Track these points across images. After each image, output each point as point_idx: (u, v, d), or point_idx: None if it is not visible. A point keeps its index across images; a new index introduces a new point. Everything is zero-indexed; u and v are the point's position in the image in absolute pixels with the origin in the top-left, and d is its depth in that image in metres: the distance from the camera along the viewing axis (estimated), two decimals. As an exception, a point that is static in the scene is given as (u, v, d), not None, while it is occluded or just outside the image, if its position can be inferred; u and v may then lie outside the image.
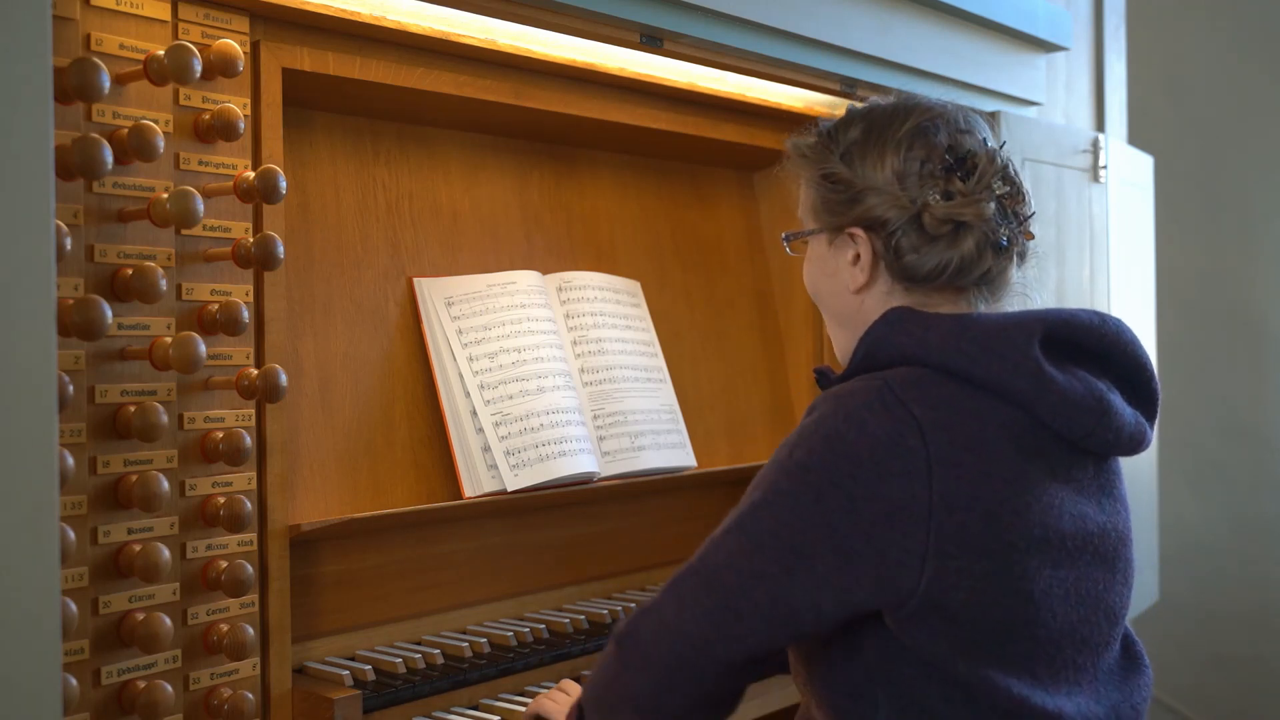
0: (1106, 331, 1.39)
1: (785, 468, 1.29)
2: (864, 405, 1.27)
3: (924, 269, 1.38)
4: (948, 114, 1.43)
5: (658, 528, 2.45)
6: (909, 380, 1.29)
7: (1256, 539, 4.32)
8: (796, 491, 1.27)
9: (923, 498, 1.23)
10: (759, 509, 1.29)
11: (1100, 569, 1.35)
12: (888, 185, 1.38)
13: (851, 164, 1.41)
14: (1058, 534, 1.30)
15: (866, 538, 1.24)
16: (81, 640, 1.46)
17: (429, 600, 2.04)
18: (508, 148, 2.25)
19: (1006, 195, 1.41)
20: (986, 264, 1.39)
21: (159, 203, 1.51)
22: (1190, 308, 4.37)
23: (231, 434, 1.58)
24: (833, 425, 1.27)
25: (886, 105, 1.45)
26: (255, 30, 1.70)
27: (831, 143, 1.44)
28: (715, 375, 2.54)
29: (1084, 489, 1.36)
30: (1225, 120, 4.40)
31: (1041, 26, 2.72)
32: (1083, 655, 1.34)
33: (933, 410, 1.26)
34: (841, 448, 1.25)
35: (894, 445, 1.24)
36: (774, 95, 2.48)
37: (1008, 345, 1.30)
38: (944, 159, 1.38)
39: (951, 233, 1.37)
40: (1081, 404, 1.31)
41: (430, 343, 2.02)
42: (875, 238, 1.40)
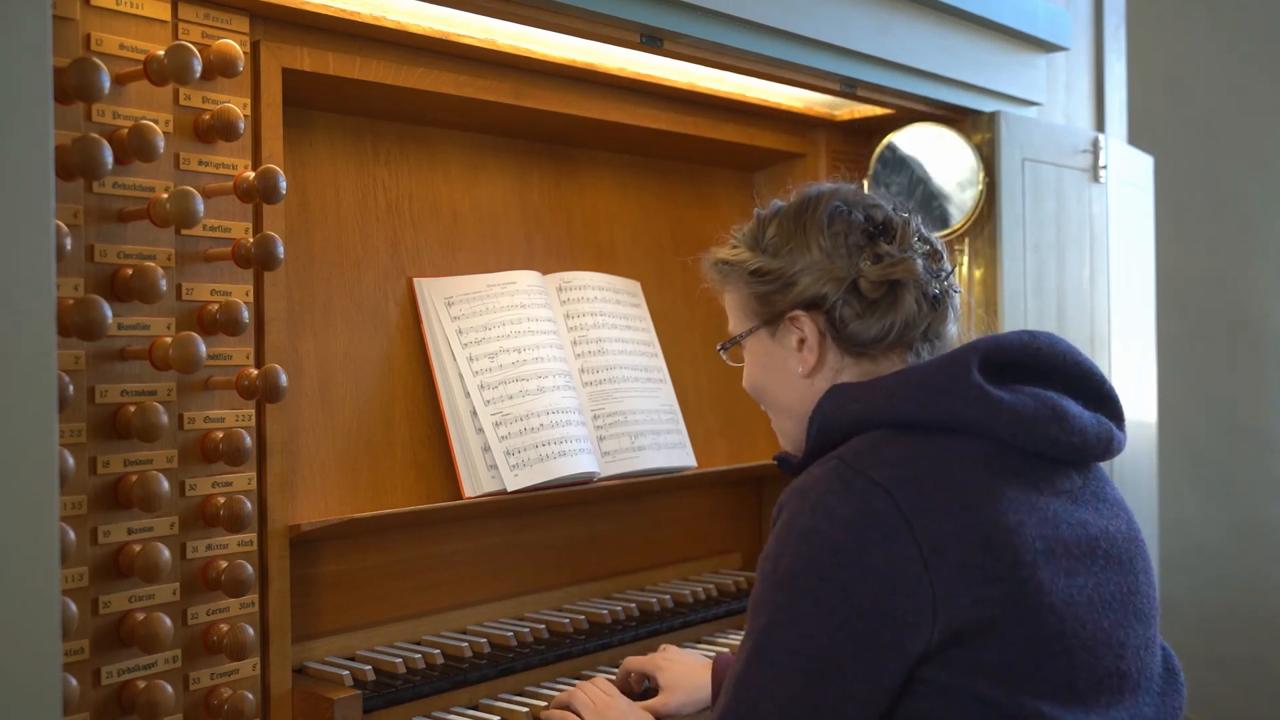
0: (1040, 346, 1.42)
1: (775, 582, 1.31)
2: (826, 491, 1.29)
3: (870, 334, 1.43)
4: (854, 194, 1.51)
5: (658, 528, 2.45)
6: (862, 449, 1.32)
7: (1256, 539, 4.32)
8: (793, 602, 1.28)
9: (911, 554, 1.25)
10: (770, 633, 1.30)
11: (1117, 572, 1.36)
12: (817, 263, 1.44)
13: (777, 254, 1.48)
14: (1060, 543, 1.31)
15: (873, 614, 1.25)
16: (81, 640, 1.46)
17: (429, 600, 2.04)
18: (508, 148, 2.25)
19: (928, 253, 1.48)
20: (926, 319, 1.44)
21: (159, 203, 1.51)
22: (1190, 308, 4.37)
23: (231, 434, 1.58)
24: (803, 522, 1.29)
25: (794, 201, 1.52)
26: (255, 30, 1.70)
27: (753, 243, 1.52)
28: (715, 375, 2.54)
29: (1076, 498, 1.37)
30: (1225, 120, 4.40)
31: (1041, 26, 2.72)
32: (1124, 660, 1.33)
33: (892, 468, 1.29)
34: (818, 540, 1.27)
35: (865, 517, 1.26)
36: (774, 95, 2.48)
37: (948, 380, 1.34)
38: (864, 229, 1.45)
39: (889, 293, 1.43)
40: (1036, 415, 1.33)
41: (430, 343, 2.02)
42: (817, 314, 1.45)
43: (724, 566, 2.58)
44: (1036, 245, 2.72)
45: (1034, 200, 2.72)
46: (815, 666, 1.27)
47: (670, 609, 2.27)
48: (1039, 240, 2.73)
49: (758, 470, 2.51)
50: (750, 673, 1.31)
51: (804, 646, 1.27)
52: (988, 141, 2.60)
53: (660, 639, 2.20)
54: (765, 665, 1.30)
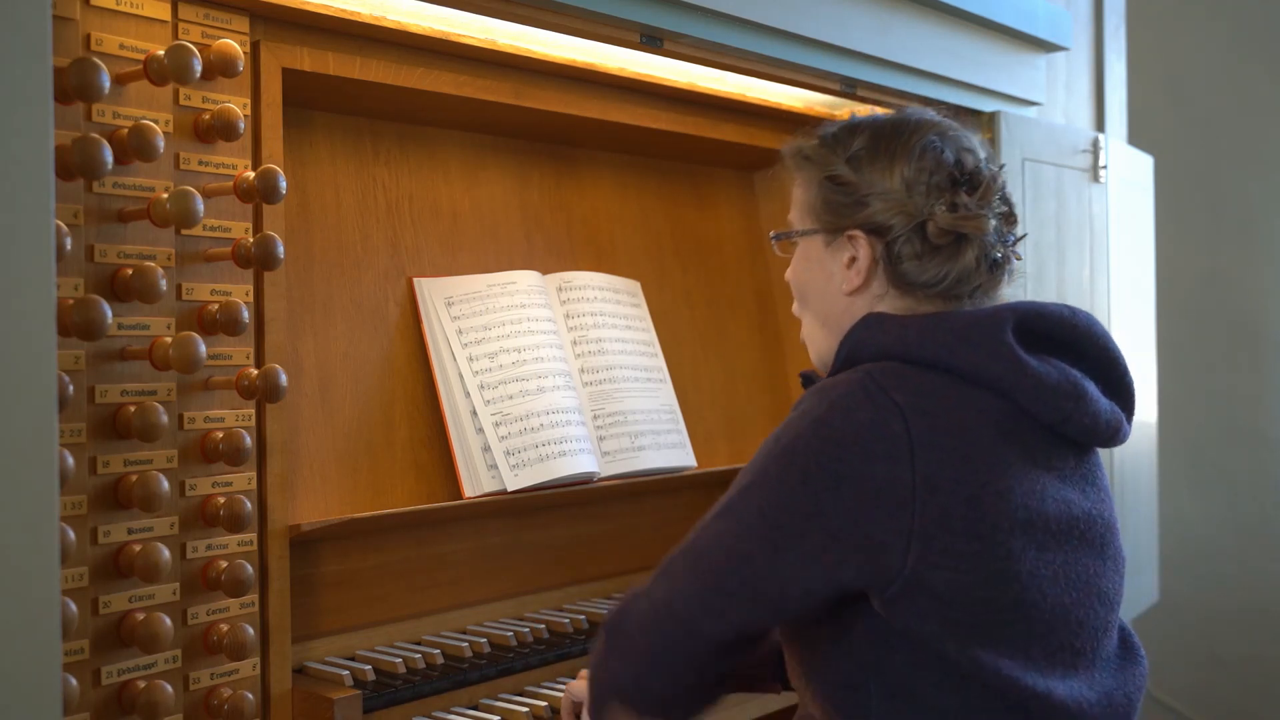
0: (1078, 323, 1.43)
1: (773, 453, 1.33)
2: (847, 394, 1.31)
3: (922, 277, 1.42)
4: (954, 132, 1.47)
5: (658, 528, 2.45)
6: (890, 370, 1.33)
7: (1256, 539, 4.32)
8: (783, 474, 1.30)
9: (906, 480, 1.26)
10: (747, 491, 1.33)
11: (1089, 554, 1.37)
12: (895, 192, 1.41)
13: (859, 169, 1.44)
14: (1041, 516, 1.32)
15: (853, 517, 1.27)
16: (81, 640, 1.46)
17: (429, 600, 2.04)
18: (508, 148, 2.25)
19: (1003, 214, 1.45)
20: (980, 278, 1.43)
21: (159, 203, 1.51)
22: (1190, 308, 4.36)
23: (231, 434, 1.58)
24: (819, 413, 1.31)
25: (893, 117, 1.48)
26: (255, 30, 1.70)
27: (837, 146, 1.47)
28: (715, 375, 2.54)
29: (1066, 477, 1.38)
30: (1225, 120, 4.40)
31: (1041, 26, 2.72)
32: (1079, 638, 1.35)
33: (914, 397, 1.30)
34: (827, 432, 1.29)
35: (877, 429, 1.28)
36: (774, 95, 2.48)
37: (981, 334, 1.34)
38: (951, 173, 1.42)
39: (953, 244, 1.41)
40: (1058, 389, 1.34)
41: (430, 343, 2.02)
42: (876, 242, 1.42)
43: (724, 566, 2.58)
44: (1036, 245, 2.72)
45: (1034, 200, 2.71)
46: (779, 537, 1.29)
47: (670, 609, 2.27)
48: (1039, 240, 2.73)
49: (758, 470, 2.51)
50: (715, 521, 1.34)
51: (775, 514, 1.29)
52: (988, 141, 2.59)
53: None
54: (731, 518, 1.33)
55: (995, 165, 1.48)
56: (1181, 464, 4.31)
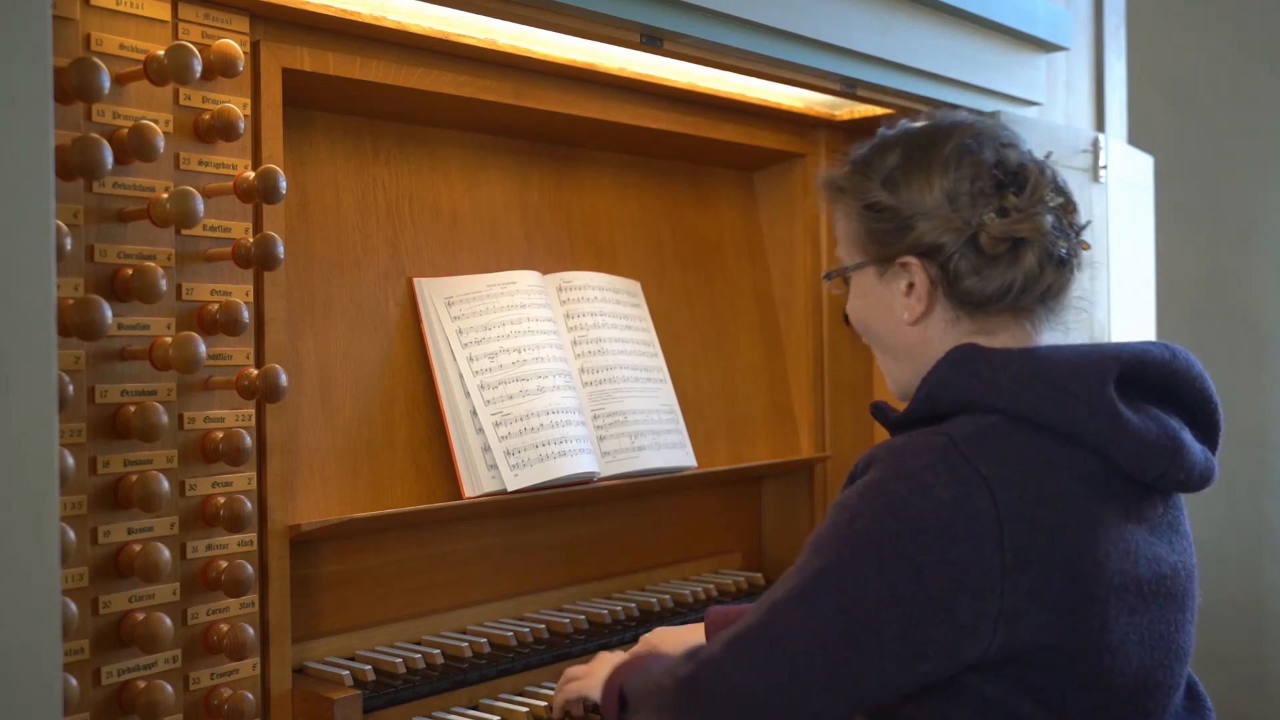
0: (1177, 367, 1.34)
1: (847, 537, 1.24)
2: (927, 466, 1.22)
3: (986, 292, 1.33)
4: (990, 129, 1.37)
5: (658, 528, 2.45)
6: (975, 435, 1.24)
7: (1256, 540, 4.32)
8: (859, 562, 1.22)
9: (994, 560, 1.19)
10: (823, 578, 1.24)
11: (1172, 610, 1.32)
12: (938, 208, 1.32)
13: (896, 190, 1.35)
14: (1135, 580, 1.26)
15: (934, 606, 1.19)
16: (81, 640, 1.46)
17: (429, 600, 2.04)
18: (508, 148, 2.25)
19: (1060, 206, 1.35)
20: (1048, 280, 1.34)
21: (159, 203, 1.51)
22: (1190, 308, 4.36)
23: (231, 434, 1.58)
24: (895, 490, 1.22)
25: (923, 126, 1.40)
26: (255, 30, 1.70)
27: (870, 170, 1.39)
28: (715, 375, 2.54)
29: (1156, 528, 1.32)
30: (1225, 120, 4.40)
31: (1041, 26, 2.72)
32: (1154, 700, 1.30)
33: (1001, 466, 1.21)
34: (905, 514, 1.20)
35: (961, 508, 1.19)
36: (774, 95, 2.48)
37: (1082, 386, 1.25)
38: (994, 175, 1.33)
39: (1010, 250, 1.32)
40: (1156, 445, 1.26)
41: (430, 343, 2.02)
42: (930, 264, 1.34)
43: (724, 566, 2.58)
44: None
45: (1034, 200, 2.71)
46: (855, 631, 1.21)
47: (670, 609, 2.27)
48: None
49: (758, 470, 2.51)
50: (790, 606, 1.25)
51: (853, 607, 1.21)
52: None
53: (660, 639, 2.20)
54: (807, 606, 1.24)
55: (1040, 156, 1.38)
56: (1181, 464, 4.30)
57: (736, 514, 2.64)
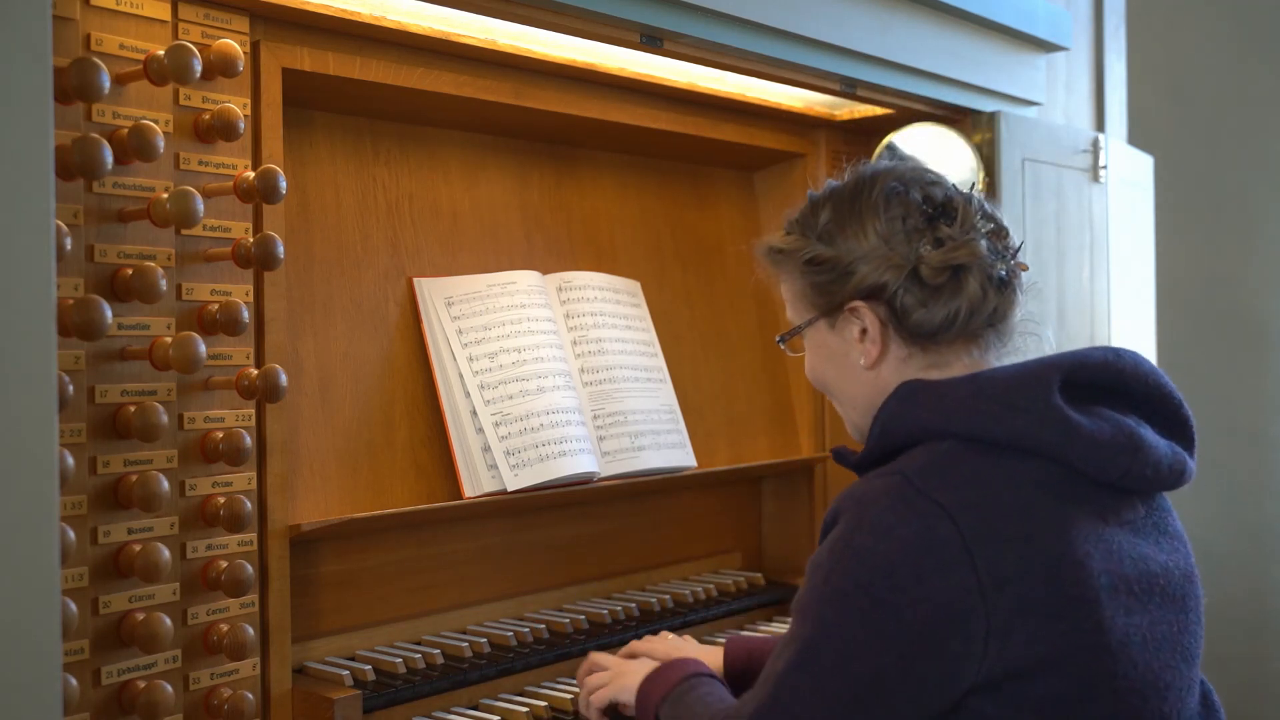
0: (1124, 366, 1.36)
1: (825, 596, 1.27)
2: (886, 509, 1.24)
3: (935, 322, 1.36)
4: (912, 172, 1.43)
5: (658, 528, 2.45)
6: (927, 467, 1.27)
7: (1256, 540, 4.32)
8: (842, 620, 1.24)
9: (969, 584, 1.20)
10: (814, 646, 1.27)
11: (1172, 611, 1.32)
12: (875, 250, 1.37)
13: (832, 242, 1.40)
14: (1123, 579, 1.27)
15: (923, 642, 1.21)
16: (81, 640, 1.46)
17: (429, 600, 2.04)
18: (508, 148, 2.25)
19: (992, 231, 1.40)
20: (992, 302, 1.38)
21: (159, 203, 1.51)
22: (1190, 308, 4.36)
23: (231, 434, 1.58)
24: (859, 541, 1.24)
25: (847, 181, 1.45)
26: (255, 30, 1.70)
27: (805, 229, 1.44)
28: (715, 375, 2.54)
29: (1139, 530, 1.33)
30: (1225, 120, 4.40)
31: (1041, 26, 2.72)
32: (1166, 703, 1.29)
33: (958, 491, 1.24)
34: (872, 561, 1.23)
35: (923, 542, 1.21)
36: (774, 95, 2.48)
37: (1027, 398, 1.27)
38: (924, 211, 1.38)
39: (952, 279, 1.36)
40: (1112, 444, 1.28)
41: (430, 343, 2.02)
42: (877, 305, 1.38)
43: (724, 566, 2.58)
44: (1036, 245, 2.72)
45: (1034, 200, 2.72)
46: (860, 688, 1.23)
47: (670, 609, 2.27)
48: (1039, 240, 2.73)
49: (758, 470, 2.51)
50: (793, 677, 1.27)
51: (850, 665, 1.24)
52: (988, 141, 2.60)
53: (660, 639, 2.20)
54: (809, 674, 1.26)
55: (965, 190, 1.43)
56: (1181, 464, 4.30)
57: (736, 514, 2.64)
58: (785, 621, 2.45)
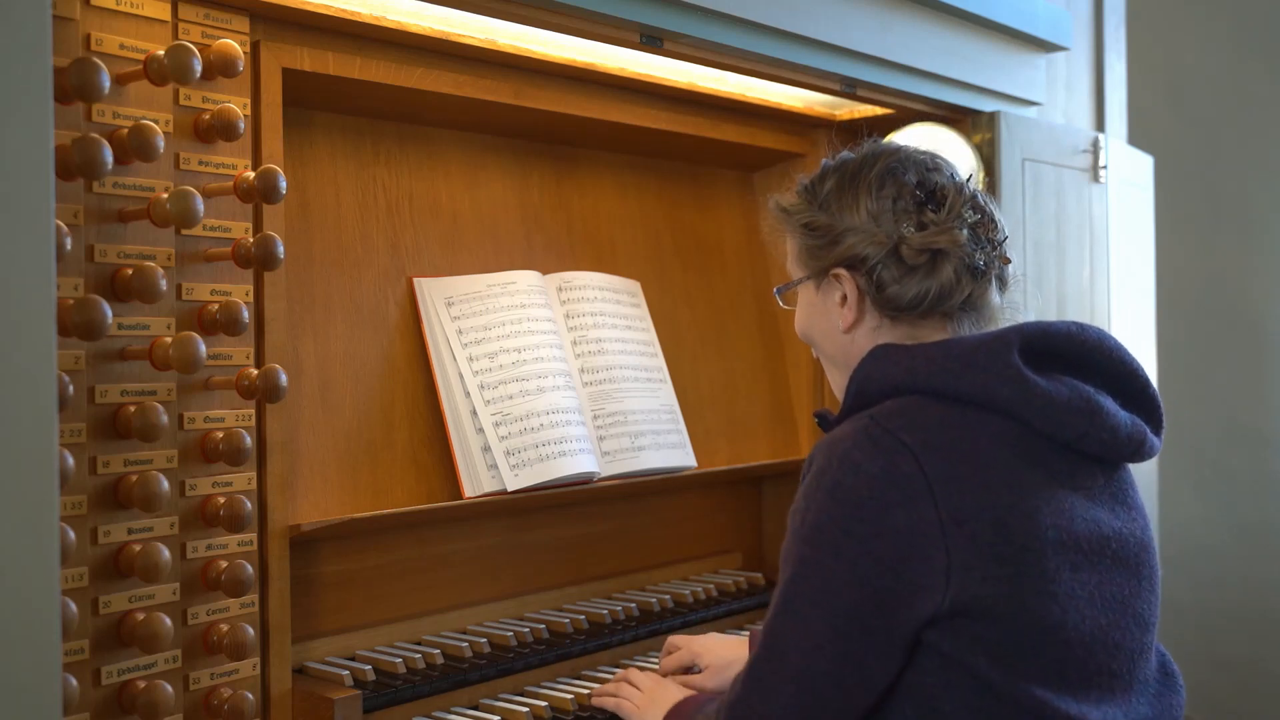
0: (1087, 339, 1.43)
1: (802, 536, 1.34)
2: (854, 446, 1.32)
3: (906, 298, 1.44)
4: (914, 156, 1.51)
5: (658, 528, 2.45)
6: (894, 410, 1.35)
7: (1257, 541, 4.32)
8: (818, 556, 1.31)
9: (931, 517, 1.27)
10: (796, 585, 1.34)
11: (1123, 574, 1.37)
12: (864, 225, 1.46)
13: (829, 210, 1.49)
14: (1071, 535, 1.32)
15: (894, 573, 1.28)
16: (81, 640, 1.46)
17: (429, 600, 2.04)
18: (508, 148, 2.25)
19: (978, 223, 1.47)
20: (966, 289, 1.45)
21: (159, 203, 1.51)
22: (1190, 308, 4.36)
23: (231, 434, 1.58)
24: (830, 477, 1.32)
25: (857, 155, 1.53)
26: (255, 30, 1.70)
27: (811, 195, 1.53)
28: (715, 375, 2.54)
29: (1094, 496, 1.38)
30: (1225, 120, 4.40)
31: (1041, 26, 2.72)
32: (1116, 661, 1.35)
33: (922, 433, 1.31)
34: (842, 495, 1.30)
35: (889, 476, 1.28)
36: (774, 95, 2.48)
37: (988, 357, 1.35)
38: (914, 195, 1.46)
39: (929, 261, 1.44)
40: (1069, 406, 1.34)
41: (430, 343, 2.02)
42: (858, 275, 1.47)
43: (724, 566, 2.58)
44: (1037, 245, 2.72)
45: (1034, 200, 2.72)
46: (838, 618, 1.30)
47: (670, 609, 2.27)
48: (1039, 240, 2.73)
49: (758, 470, 2.51)
50: (778, 623, 1.35)
51: (827, 599, 1.30)
52: (988, 141, 2.60)
53: (660, 639, 2.20)
54: (792, 616, 1.33)
55: (962, 179, 1.51)
56: (1182, 464, 4.30)
57: (736, 514, 2.64)
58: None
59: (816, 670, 1.31)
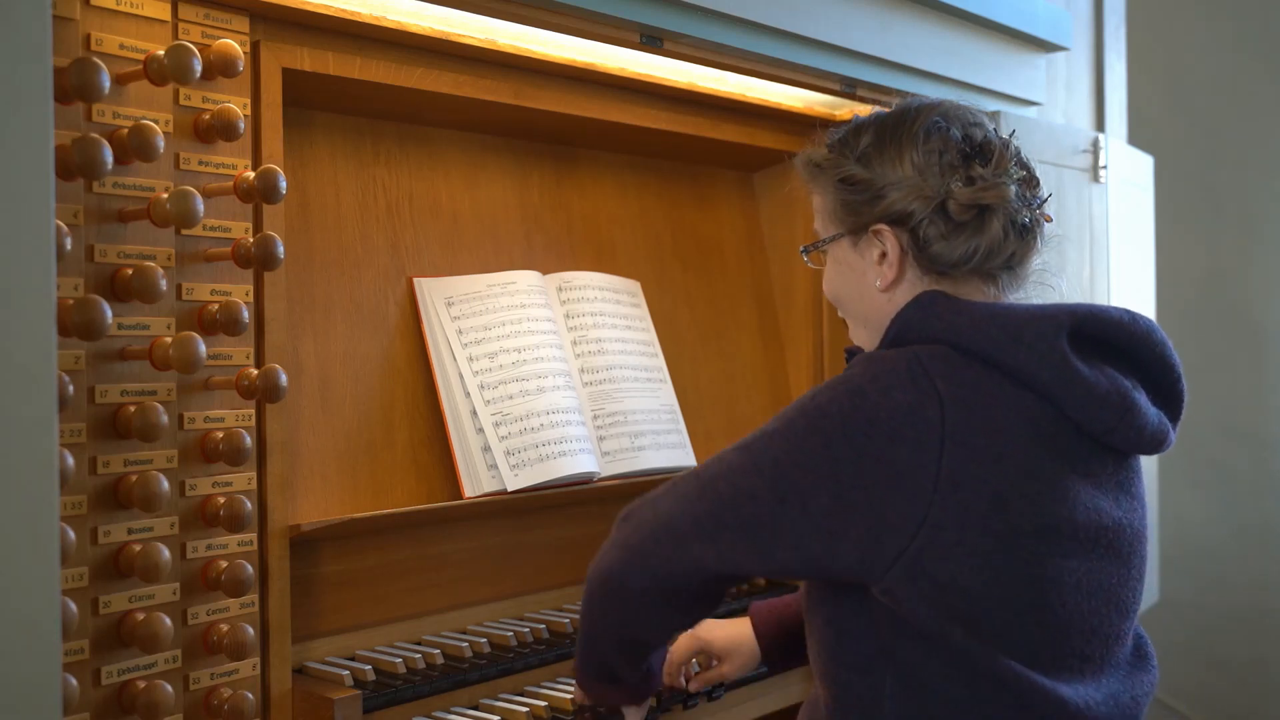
0: (1137, 330, 1.41)
1: (804, 408, 1.33)
2: (891, 370, 1.30)
3: (953, 256, 1.40)
4: (956, 109, 1.46)
5: (658, 528, 2.44)
6: (938, 355, 1.32)
7: (1257, 540, 4.32)
8: (808, 432, 1.31)
9: (930, 469, 1.26)
10: (770, 436, 1.34)
11: (1113, 563, 1.36)
12: (909, 179, 1.41)
13: (869, 164, 1.44)
14: (1070, 524, 1.31)
15: (867, 494, 1.27)
16: (81, 640, 1.46)
17: (429, 600, 2.04)
18: (508, 148, 2.25)
19: (1023, 179, 1.44)
20: (1011, 247, 1.42)
21: (159, 203, 1.51)
22: (1190, 308, 4.36)
23: (231, 434, 1.58)
24: (859, 383, 1.31)
25: (895, 109, 1.49)
26: (255, 30, 1.70)
27: (845, 149, 1.48)
28: (715, 375, 2.54)
29: (1101, 484, 1.37)
30: (1225, 120, 4.40)
31: (1041, 26, 2.72)
32: (1090, 645, 1.35)
33: (957, 387, 1.29)
34: (861, 403, 1.29)
35: (912, 413, 1.27)
36: (774, 95, 2.48)
37: (1035, 335, 1.32)
38: (961, 149, 1.41)
39: (977, 217, 1.40)
40: (1106, 400, 1.33)
41: (430, 343, 2.02)
42: (901, 231, 1.42)
43: (724, 566, 2.57)
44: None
45: (1034, 200, 2.71)
46: (785, 488, 1.30)
47: (670, 609, 2.27)
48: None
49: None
50: (733, 455, 1.35)
51: (790, 468, 1.30)
52: (988, 141, 2.59)
53: (660, 639, 2.20)
54: (748, 456, 1.34)
55: (1006, 134, 1.47)
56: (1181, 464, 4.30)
57: (736, 514, 2.63)
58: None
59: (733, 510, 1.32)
